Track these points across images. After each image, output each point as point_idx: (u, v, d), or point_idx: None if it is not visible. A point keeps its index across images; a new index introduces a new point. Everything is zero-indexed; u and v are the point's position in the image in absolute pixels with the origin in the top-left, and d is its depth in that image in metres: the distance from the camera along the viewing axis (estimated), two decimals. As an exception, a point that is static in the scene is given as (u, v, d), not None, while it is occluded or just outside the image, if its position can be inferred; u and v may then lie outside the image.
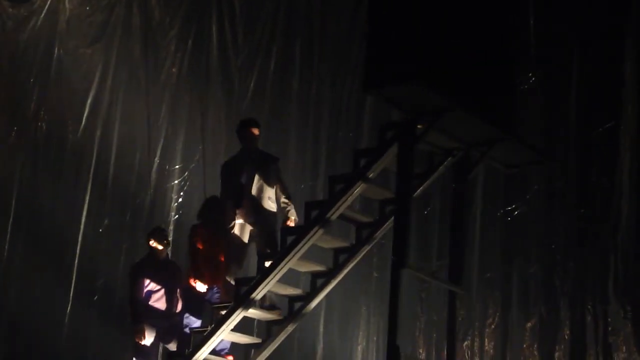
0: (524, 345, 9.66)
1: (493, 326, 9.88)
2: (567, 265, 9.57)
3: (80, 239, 12.58)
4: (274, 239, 8.38)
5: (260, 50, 11.89)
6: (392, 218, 7.59)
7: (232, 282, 8.44)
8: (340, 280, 8.35)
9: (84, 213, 12.66)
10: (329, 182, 7.90)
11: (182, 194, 12.05)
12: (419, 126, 7.21)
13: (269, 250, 8.35)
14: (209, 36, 12.31)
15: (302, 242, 7.86)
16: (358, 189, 7.71)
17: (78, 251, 12.55)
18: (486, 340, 9.88)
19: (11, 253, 13.05)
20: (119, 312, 11.39)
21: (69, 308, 12.37)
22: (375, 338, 10.55)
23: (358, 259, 8.27)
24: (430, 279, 8.06)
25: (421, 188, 7.92)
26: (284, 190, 8.67)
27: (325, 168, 11.09)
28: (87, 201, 12.70)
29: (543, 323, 9.60)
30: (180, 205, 11.93)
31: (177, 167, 12.18)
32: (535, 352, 9.58)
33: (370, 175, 7.63)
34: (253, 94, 11.81)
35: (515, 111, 7.83)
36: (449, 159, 7.76)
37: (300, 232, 7.94)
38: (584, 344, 9.36)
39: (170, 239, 9.81)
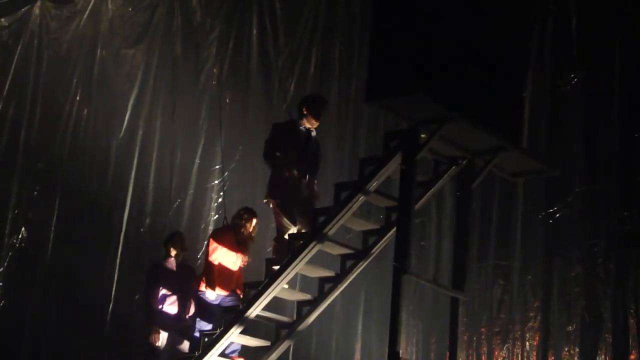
0: (565, 349, 9.58)
1: (534, 329, 9.81)
2: (608, 267, 9.48)
3: (122, 238, 12.67)
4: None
5: (301, 51, 11.90)
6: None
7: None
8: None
9: (126, 212, 12.75)
10: (335, 189, 8.00)
11: (221, 194, 12.09)
12: (422, 135, 7.28)
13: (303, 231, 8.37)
14: (249, 37, 12.34)
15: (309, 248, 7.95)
16: (361, 198, 7.79)
17: (120, 249, 12.63)
18: (527, 343, 9.82)
19: (54, 251, 13.16)
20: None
21: (110, 307, 12.45)
22: (414, 340, 10.52)
23: (364, 265, 8.33)
24: (432, 284, 8.05)
25: (426, 196, 7.99)
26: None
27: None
28: (129, 200, 12.78)
29: (585, 326, 9.52)
30: (219, 205, 11.97)
31: (217, 167, 12.23)
32: (577, 356, 9.49)
33: (372, 186, 7.70)
34: (293, 94, 11.81)
35: (521, 120, 7.96)
36: (454, 167, 7.81)
37: (308, 238, 8.05)
38: (627, 347, 9.26)
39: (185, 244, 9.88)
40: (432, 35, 7.08)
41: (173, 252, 9.52)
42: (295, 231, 8.45)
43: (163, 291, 9.29)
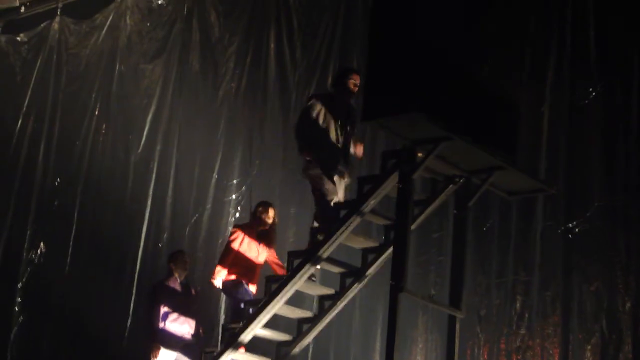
0: (585, 364, 9.51)
1: (554, 344, 9.73)
2: (628, 282, 9.40)
3: (140, 252, 12.69)
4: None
5: (318, 65, 11.90)
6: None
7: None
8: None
9: (144, 226, 12.77)
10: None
11: (239, 208, 12.09)
12: (419, 154, 7.39)
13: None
14: (267, 52, 12.35)
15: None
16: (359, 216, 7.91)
17: (138, 265, 12.65)
18: (547, 359, 9.74)
19: (73, 265, 13.20)
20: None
21: (128, 322, 12.45)
22: (434, 356, 10.47)
23: (364, 282, 8.41)
24: (429, 302, 8.07)
25: (423, 214, 8.09)
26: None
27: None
28: (147, 215, 12.81)
29: (604, 341, 9.43)
30: (237, 220, 11.96)
31: (234, 181, 12.23)
32: (596, 372, 9.42)
33: (370, 204, 7.82)
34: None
35: (517, 139, 7.95)
36: (450, 186, 7.90)
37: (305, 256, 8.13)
38: (647, 363, 9.18)
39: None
40: (428, 55, 7.21)
41: (175, 272, 9.58)
42: (339, 197, 8.51)
43: (165, 309, 9.33)
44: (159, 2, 13.60)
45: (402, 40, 7.20)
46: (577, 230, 9.82)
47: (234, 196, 12.17)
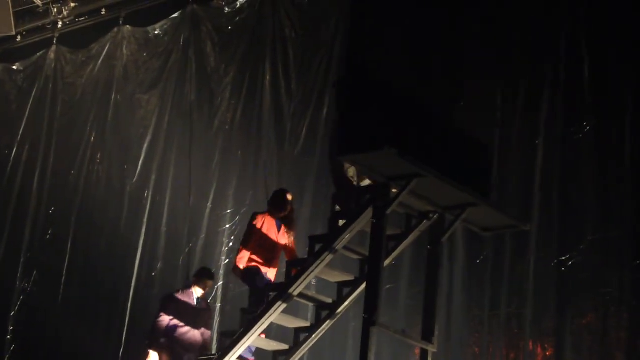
0: (579, 398, 9.49)
1: (547, 378, 9.72)
2: (621, 316, 9.40)
3: (134, 282, 12.67)
4: None
5: (313, 96, 11.94)
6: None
7: None
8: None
9: (138, 255, 12.76)
10: (309, 242, 8.22)
11: (232, 238, 12.08)
12: (393, 190, 7.53)
13: None
14: (262, 83, 12.40)
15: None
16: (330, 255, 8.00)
17: (132, 294, 12.62)
18: (540, 392, 9.73)
19: (66, 294, 13.18)
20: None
21: (121, 352, 12.41)
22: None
23: (339, 315, 8.45)
24: (401, 337, 8.11)
25: (398, 249, 8.20)
26: None
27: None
28: (141, 244, 12.80)
29: (599, 375, 9.42)
30: (230, 250, 11.95)
31: (228, 211, 12.24)
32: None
33: (344, 239, 7.91)
34: (305, 139, 11.84)
35: (490, 175, 8.24)
36: (424, 221, 8.03)
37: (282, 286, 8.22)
38: (640, 397, 9.16)
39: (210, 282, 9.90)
40: (402, 94, 7.45)
41: (193, 286, 9.56)
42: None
43: (174, 321, 9.32)
44: (156, 32, 13.66)
45: (376, 77, 7.44)
46: (570, 263, 9.82)
47: (227, 226, 12.17)
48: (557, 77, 10.18)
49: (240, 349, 8.27)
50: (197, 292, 9.58)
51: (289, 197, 9.27)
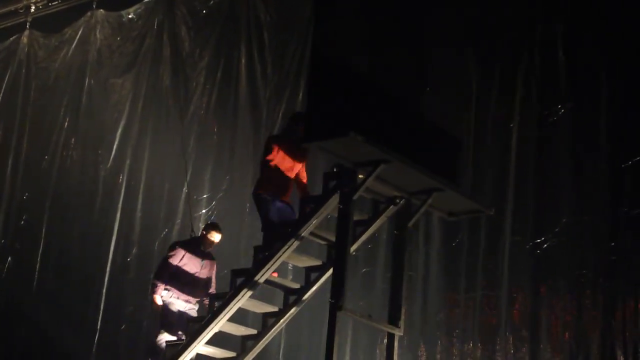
0: (555, 382, 9.56)
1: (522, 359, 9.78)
2: (596, 298, 9.47)
3: (109, 267, 12.63)
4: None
5: (289, 81, 11.92)
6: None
7: None
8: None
9: (113, 241, 12.72)
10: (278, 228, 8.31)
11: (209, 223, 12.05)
12: (360, 176, 7.59)
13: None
14: (237, 67, 12.37)
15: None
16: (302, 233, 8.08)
17: (107, 279, 12.59)
18: (515, 373, 9.79)
19: (41, 280, 13.13)
20: (147, 341, 11.40)
21: (96, 337, 12.39)
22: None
23: (307, 300, 8.50)
24: (367, 321, 8.16)
25: (365, 234, 8.31)
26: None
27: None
28: (116, 230, 12.76)
29: (572, 357, 9.49)
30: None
31: (204, 196, 12.22)
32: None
33: (312, 225, 7.99)
34: (281, 124, 11.83)
35: (457, 161, 8.29)
36: (391, 207, 8.13)
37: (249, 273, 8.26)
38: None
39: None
40: (368, 80, 7.49)
41: (210, 239, 9.59)
42: None
43: (181, 262, 9.43)
44: (129, 16, 13.57)
45: (344, 65, 7.45)
46: (545, 245, 9.88)
47: (204, 211, 12.15)
48: (532, 60, 10.22)
49: (208, 334, 8.31)
50: (208, 242, 9.62)
51: None
